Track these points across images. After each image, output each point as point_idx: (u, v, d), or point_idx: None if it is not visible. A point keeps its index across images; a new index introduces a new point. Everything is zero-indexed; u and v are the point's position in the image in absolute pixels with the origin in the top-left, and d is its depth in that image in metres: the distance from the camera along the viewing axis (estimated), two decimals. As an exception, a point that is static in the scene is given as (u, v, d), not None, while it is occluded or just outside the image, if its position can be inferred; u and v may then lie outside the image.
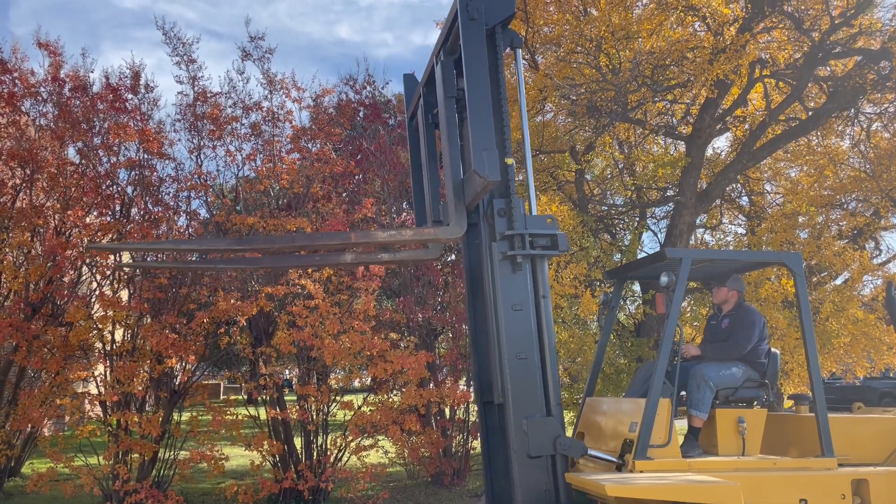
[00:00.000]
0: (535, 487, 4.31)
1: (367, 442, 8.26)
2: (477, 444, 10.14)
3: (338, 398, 8.35)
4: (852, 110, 10.22)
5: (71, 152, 8.76)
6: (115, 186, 8.33)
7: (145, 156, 8.24)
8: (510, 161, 4.46)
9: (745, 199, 12.78)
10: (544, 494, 4.31)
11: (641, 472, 4.30)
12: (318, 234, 5.81)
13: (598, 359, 5.79)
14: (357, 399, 8.43)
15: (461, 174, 4.70)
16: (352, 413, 8.10)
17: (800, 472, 4.52)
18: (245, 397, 11.55)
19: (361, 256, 5.28)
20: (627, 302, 11.89)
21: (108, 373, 7.83)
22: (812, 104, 10.35)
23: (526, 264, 4.52)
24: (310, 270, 7.74)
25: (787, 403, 9.04)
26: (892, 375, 15.69)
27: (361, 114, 11.01)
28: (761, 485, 4.36)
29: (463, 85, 4.62)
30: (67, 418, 7.99)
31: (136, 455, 7.64)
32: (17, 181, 8.46)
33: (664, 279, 4.61)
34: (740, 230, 13.09)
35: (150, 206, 8.36)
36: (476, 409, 9.65)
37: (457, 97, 4.72)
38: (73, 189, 8.22)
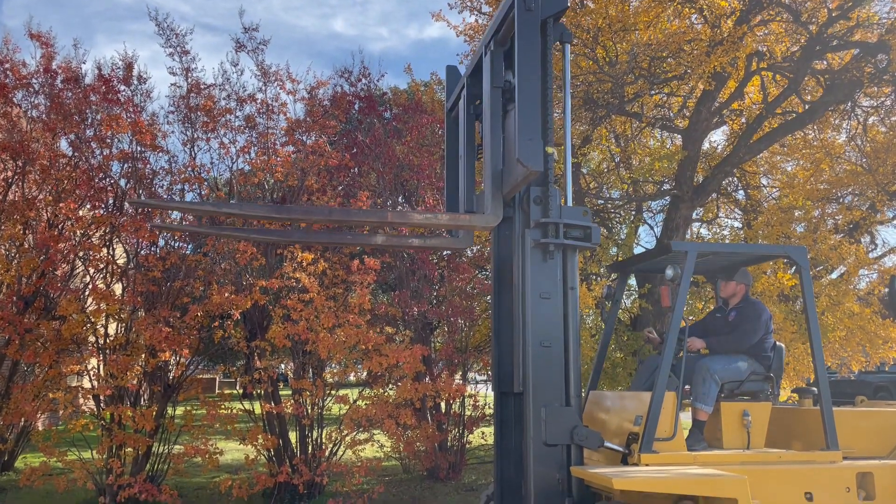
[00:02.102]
0: (548, 476, 4.30)
1: (363, 436, 8.20)
2: (472, 437, 10.13)
3: (333, 392, 8.29)
4: (849, 104, 10.24)
5: (63, 144, 8.64)
6: (107, 179, 8.23)
7: (138, 148, 8.14)
8: (551, 150, 4.44)
9: (742, 192, 12.79)
10: (557, 484, 4.29)
11: (647, 465, 4.27)
12: (355, 211, 5.78)
13: (600, 352, 5.76)
14: (352, 393, 8.37)
15: (501, 164, 4.69)
16: (347, 407, 8.04)
17: (805, 465, 4.50)
18: (240, 391, 11.49)
19: (392, 240, 5.25)
20: (624, 296, 11.88)
21: (101, 367, 7.74)
22: (809, 97, 10.35)
23: (557, 254, 4.53)
24: (304, 264, 7.66)
25: (783, 397, 9.03)
26: (887, 369, 15.77)
27: (357, 106, 10.91)
28: (766, 478, 4.34)
29: (510, 76, 4.66)
30: (61, 412, 7.90)
31: (130, 449, 7.57)
32: (9, 173, 8.35)
33: (670, 272, 4.58)
34: (736, 224, 13.11)
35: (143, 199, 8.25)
36: (471, 403, 9.67)
37: (503, 88, 4.73)
38: (65, 181, 8.11)
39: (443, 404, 9.52)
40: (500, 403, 4.92)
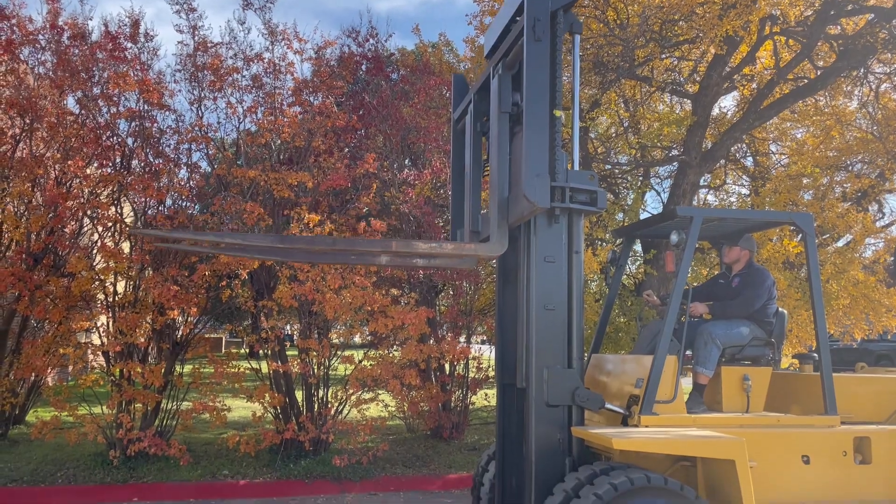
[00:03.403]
0: (549, 437, 4.38)
1: (368, 395, 8.32)
2: (475, 398, 10.26)
3: (339, 353, 8.40)
4: (862, 70, 10.10)
5: (70, 102, 8.63)
6: (115, 137, 8.23)
7: (145, 107, 8.12)
8: (559, 113, 4.42)
9: (750, 159, 12.70)
10: (558, 443, 4.38)
11: (647, 426, 4.35)
12: (358, 241, 5.92)
13: (604, 316, 5.82)
14: (358, 354, 8.48)
15: (507, 191, 4.67)
16: (352, 367, 8.15)
17: (803, 429, 4.57)
18: (247, 351, 11.62)
19: (396, 260, 5.28)
20: (628, 261, 11.90)
21: (110, 323, 7.85)
22: (821, 63, 10.21)
23: (563, 218, 4.55)
24: (311, 225, 7.69)
25: (784, 364, 9.11)
26: (889, 338, 15.85)
27: (364, 67, 10.82)
28: (764, 441, 4.41)
29: (517, 98, 4.64)
30: (70, 368, 8.03)
31: (139, 405, 7.71)
32: (17, 130, 8.35)
33: (675, 237, 4.59)
34: (744, 191, 13.05)
35: (150, 158, 8.27)
36: (475, 365, 9.78)
37: (510, 112, 4.70)
38: (73, 139, 8.11)
39: (447, 366, 9.63)
40: (503, 395, 5.03)
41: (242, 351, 11.77)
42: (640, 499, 3.85)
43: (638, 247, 10.76)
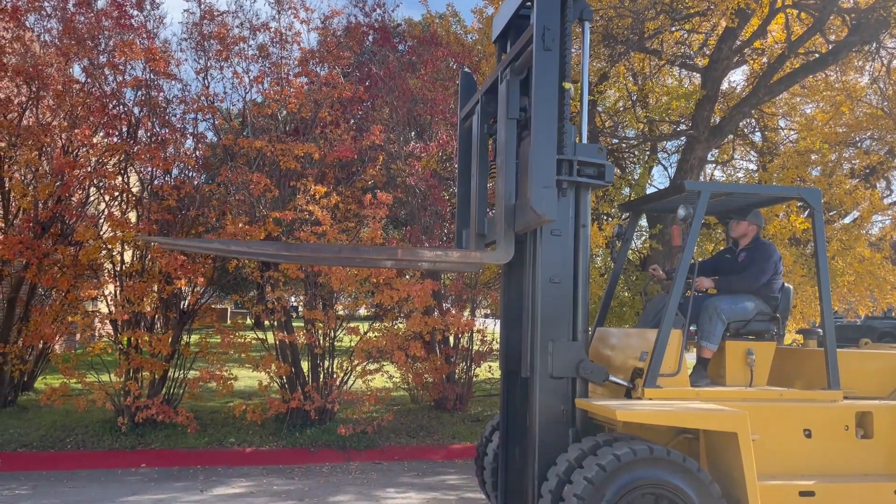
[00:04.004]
0: (553, 408, 4.42)
1: (373, 366, 8.39)
2: (479, 371, 10.34)
3: (344, 324, 8.45)
4: (874, 45, 9.97)
5: (76, 70, 8.60)
6: (121, 106, 8.21)
7: (151, 76, 8.09)
8: (567, 85, 4.39)
9: (759, 135, 12.61)
10: (561, 415, 4.42)
11: (650, 399, 4.38)
12: (363, 248, 5.95)
13: (609, 290, 5.83)
14: (363, 326, 8.53)
15: (514, 198, 4.63)
16: (358, 338, 8.21)
17: (805, 404, 4.60)
18: (252, 321, 11.70)
19: (402, 262, 5.29)
20: (634, 236, 11.89)
21: (117, 292, 7.90)
22: (833, 37, 10.08)
23: (570, 191, 4.53)
24: (317, 197, 7.70)
25: (788, 340, 9.14)
26: (893, 315, 15.87)
27: (371, 38, 10.74)
28: (767, 414, 4.45)
29: (525, 103, 4.57)
30: (78, 336, 8.11)
31: (147, 373, 7.79)
32: (23, 98, 8.33)
33: (682, 212, 4.59)
34: (752, 166, 12.98)
35: (156, 128, 8.26)
36: (479, 338, 9.84)
37: (518, 119, 4.64)
38: (79, 108, 8.10)
39: (451, 338, 9.69)
40: (507, 382, 5.07)
41: (248, 321, 11.85)
42: (643, 470, 3.90)
43: (644, 222, 10.75)
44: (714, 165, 13.03)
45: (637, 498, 3.91)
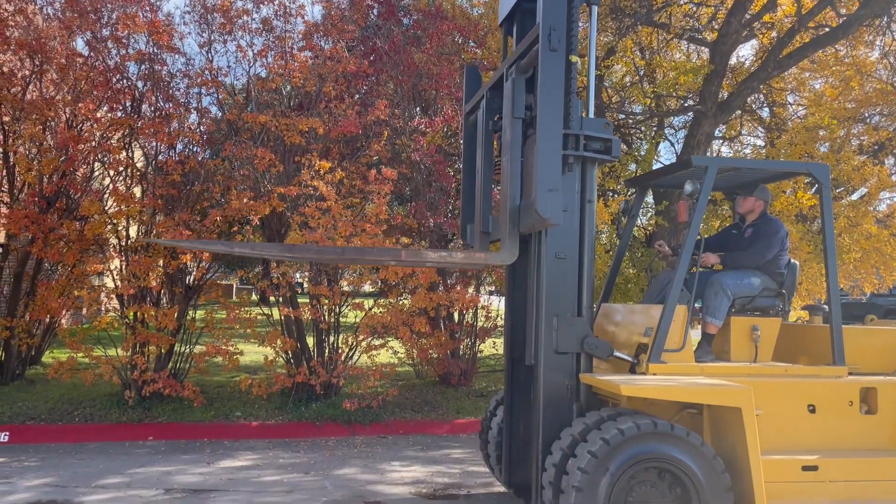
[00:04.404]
0: (557, 383, 4.44)
1: (378, 342, 8.42)
2: (484, 347, 10.37)
3: (349, 300, 8.47)
4: (885, 19, 9.83)
5: (80, 44, 8.54)
6: (125, 80, 8.17)
7: (155, 49, 8.02)
8: (574, 59, 4.33)
9: (766, 110, 12.49)
10: (566, 390, 4.43)
11: (654, 374, 4.39)
12: (368, 249, 5.91)
13: (614, 266, 5.82)
14: (368, 303, 8.55)
15: (519, 199, 4.58)
16: (363, 314, 8.23)
17: (810, 379, 4.60)
18: (258, 297, 11.72)
19: (407, 261, 5.28)
20: (640, 213, 11.85)
21: (123, 267, 7.92)
22: (844, 11, 9.94)
23: (576, 166, 4.51)
24: (322, 172, 7.68)
25: (793, 317, 9.14)
26: (899, 292, 15.83)
27: (375, 11, 10.62)
28: (771, 390, 4.45)
29: (531, 101, 4.50)
30: (85, 310, 8.15)
31: (153, 347, 7.83)
32: (27, 72, 8.29)
33: (689, 187, 4.55)
34: (759, 142, 12.87)
35: (160, 103, 8.22)
36: (483, 314, 9.85)
37: (524, 118, 4.56)
38: (83, 82, 8.06)
39: (456, 314, 9.71)
40: (512, 369, 5.08)
41: (253, 297, 11.89)
42: (647, 444, 3.92)
43: (650, 198, 10.70)
44: (721, 141, 12.94)
45: (640, 472, 3.93)
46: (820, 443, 4.49)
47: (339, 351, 8.34)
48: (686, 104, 11.09)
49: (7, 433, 7.09)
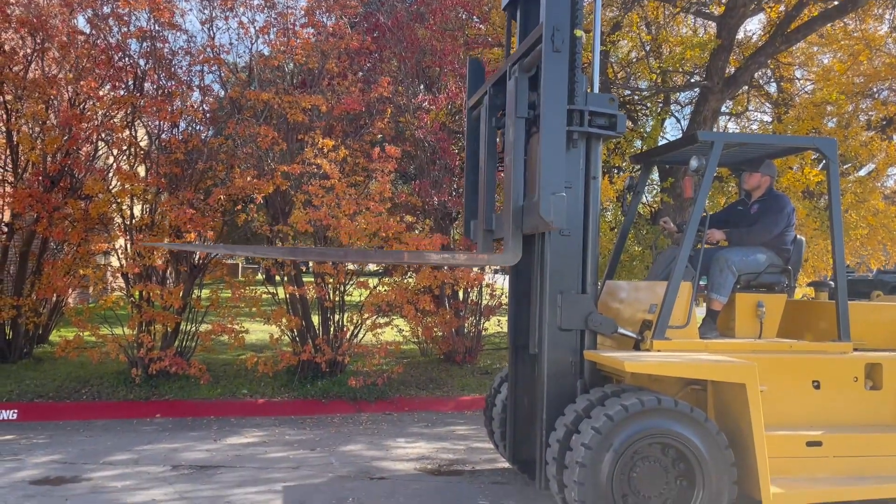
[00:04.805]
0: (561, 360, 4.44)
1: (383, 320, 8.44)
2: (488, 325, 10.38)
3: (354, 278, 8.48)
4: (895, -8, 9.68)
5: (81, 22, 8.49)
6: (127, 58, 8.12)
7: (156, 27, 7.97)
8: (579, 33, 4.28)
9: (774, 85, 12.37)
10: (570, 366, 4.44)
11: (659, 351, 4.38)
12: (371, 252, 5.88)
13: (619, 243, 5.80)
14: (372, 281, 8.55)
15: (522, 199, 4.53)
16: (367, 292, 8.24)
17: (814, 355, 4.60)
18: (263, 276, 11.75)
19: (412, 259, 5.26)
20: (645, 190, 11.78)
21: (128, 246, 7.93)
22: (854, -16, 9.78)
23: (581, 142, 4.47)
24: (325, 150, 7.65)
25: (798, 294, 9.12)
26: (906, 269, 15.73)
27: (378, -14, 10.51)
28: (776, 366, 4.45)
29: (535, 100, 4.45)
30: (91, 289, 8.18)
31: (159, 325, 7.86)
32: (29, 50, 8.25)
33: (694, 163, 4.52)
34: (766, 118, 12.76)
35: (163, 81, 8.17)
36: (488, 292, 9.85)
37: (527, 117, 4.50)
38: (84, 60, 8.02)
39: (460, 292, 9.71)
40: (516, 356, 5.06)
41: (259, 277, 11.90)
42: (651, 420, 3.93)
43: (655, 175, 10.64)
44: (728, 117, 12.82)
45: (644, 447, 3.95)
46: (824, 418, 4.49)
47: (344, 329, 8.36)
48: (692, 80, 10.98)
49: (15, 411, 7.15)
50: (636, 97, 11.85)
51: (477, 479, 5.45)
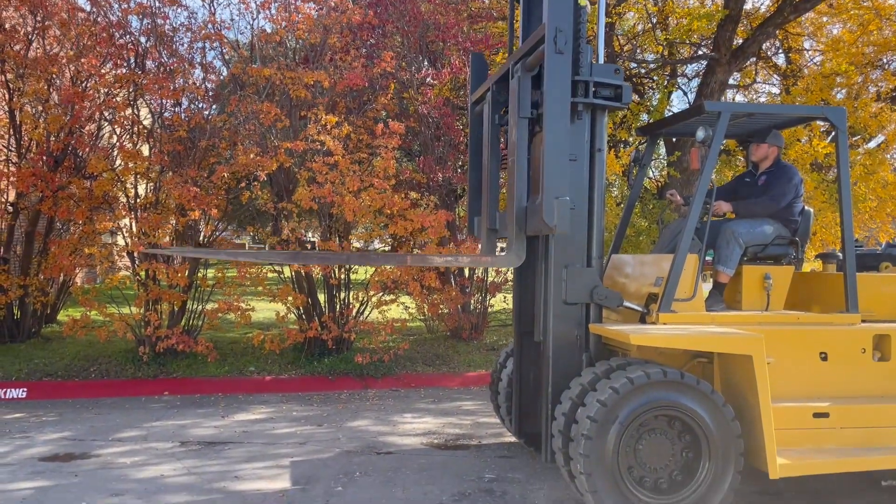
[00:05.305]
0: (567, 334, 4.42)
1: (388, 297, 8.43)
2: (494, 301, 10.37)
3: (360, 255, 8.46)
4: (907, -41, 9.49)
5: (81, 0, 8.42)
6: (128, 36, 8.06)
7: (157, 3, 7.89)
8: (584, 2, 4.21)
9: (782, 57, 12.19)
10: (575, 340, 4.42)
11: (665, 324, 4.35)
12: (374, 256, 5.83)
13: (625, 217, 5.75)
14: (378, 259, 8.53)
15: (525, 200, 4.45)
16: (372, 270, 8.22)
17: (822, 327, 4.56)
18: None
19: (416, 260, 5.24)
20: (652, 165, 11.68)
21: (133, 224, 7.93)
22: (864, -49, 9.61)
23: (586, 114, 4.42)
24: (329, 127, 7.59)
25: (806, 268, 9.06)
26: (915, 241, 15.62)
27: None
28: (783, 338, 4.42)
29: (538, 99, 4.38)
30: (97, 268, 8.20)
31: (166, 304, 7.88)
32: (29, 29, 8.20)
33: (701, 133, 4.45)
34: (774, 90, 12.61)
35: (164, 58, 8.11)
36: (494, 269, 9.82)
37: (530, 117, 4.41)
38: (85, 37, 7.96)
39: (466, 269, 9.69)
40: (521, 342, 5.04)
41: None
42: (656, 392, 3.91)
43: (662, 150, 10.55)
44: (735, 90, 12.67)
45: (650, 420, 3.93)
46: (832, 390, 4.47)
47: (350, 306, 8.37)
48: (699, 52, 10.84)
49: (25, 389, 7.21)
50: (642, 70, 11.71)
51: (483, 454, 5.47)
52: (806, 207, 5.09)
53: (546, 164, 4.01)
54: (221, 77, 8.85)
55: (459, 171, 9.34)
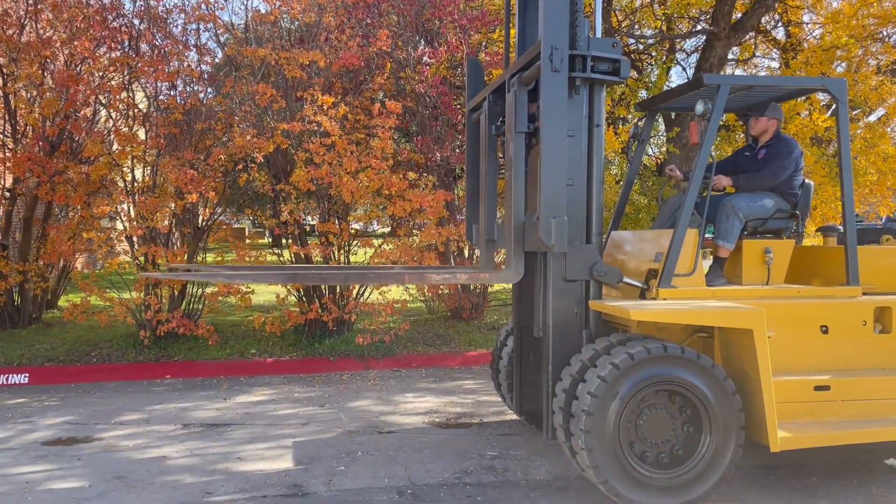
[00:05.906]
0: (567, 311, 4.40)
1: (389, 278, 8.41)
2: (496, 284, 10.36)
3: (359, 237, 8.44)
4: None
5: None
6: (121, 18, 7.98)
7: (150, -17, 7.82)
8: None
9: (781, 30, 12.08)
10: (575, 317, 4.41)
11: (665, 299, 4.34)
12: (371, 274, 5.80)
13: (624, 193, 5.71)
14: (377, 241, 8.51)
15: (523, 216, 4.41)
16: (372, 251, 8.21)
17: (823, 300, 4.55)
18: (270, 240, 11.73)
19: (413, 277, 5.19)
20: (651, 142, 11.62)
21: (131, 208, 7.91)
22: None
23: (584, 89, 4.36)
24: (325, 107, 7.54)
25: (807, 242, 9.04)
26: (916, 215, 15.58)
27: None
28: (783, 311, 4.41)
29: (534, 112, 4.32)
30: (97, 253, 8.18)
31: (166, 288, 7.88)
32: (22, 13, 8.12)
33: (700, 107, 4.40)
34: (774, 64, 12.50)
35: (158, 40, 8.04)
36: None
37: (527, 131, 4.37)
38: (78, 20, 7.88)
39: (465, 249, 9.68)
40: (521, 335, 5.02)
41: (265, 241, 11.89)
42: (656, 367, 3.90)
43: (661, 126, 10.49)
44: (734, 65, 12.57)
45: (650, 395, 3.93)
46: (833, 363, 4.47)
47: (350, 287, 8.36)
48: (698, 26, 10.74)
49: (26, 374, 7.22)
50: (641, 45, 11.61)
51: (484, 431, 5.49)
52: (806, 181, 5.05)
53: (543, 184, 4.00)
54: (216, 59, 8.78)
55: (458, 150, 9.28)
